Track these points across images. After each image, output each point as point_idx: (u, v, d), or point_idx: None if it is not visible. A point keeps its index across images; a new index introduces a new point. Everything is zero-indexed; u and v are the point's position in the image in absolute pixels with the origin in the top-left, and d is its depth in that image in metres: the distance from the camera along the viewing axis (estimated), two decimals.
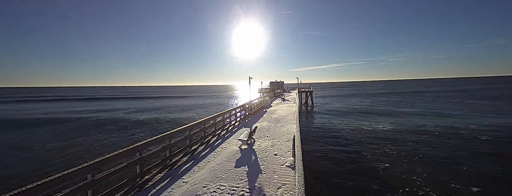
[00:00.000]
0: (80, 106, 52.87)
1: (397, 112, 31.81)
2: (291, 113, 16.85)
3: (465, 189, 9.69)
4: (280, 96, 38.08)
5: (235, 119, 14.56)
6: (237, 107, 15.14)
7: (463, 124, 22.16)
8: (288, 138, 9.58)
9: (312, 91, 47.07)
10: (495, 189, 9.69)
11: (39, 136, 21.42)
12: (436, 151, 14.44)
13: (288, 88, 63.92)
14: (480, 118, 25.50)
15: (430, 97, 53.42)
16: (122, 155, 5.39)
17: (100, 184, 4.78)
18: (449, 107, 35.24)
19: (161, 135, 6.98)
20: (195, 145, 9.07)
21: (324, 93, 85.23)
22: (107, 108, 46.63)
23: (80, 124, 27.45)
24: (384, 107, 38.83)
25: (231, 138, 10.26)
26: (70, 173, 4.13)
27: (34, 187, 3.56)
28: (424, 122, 24.11)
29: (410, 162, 12.65)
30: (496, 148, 14.90)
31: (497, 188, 9.74)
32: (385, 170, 11.72)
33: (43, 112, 39.91)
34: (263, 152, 7.96)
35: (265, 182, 5.62)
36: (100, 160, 4.78)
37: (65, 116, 34.14)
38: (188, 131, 8.40)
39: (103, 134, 21.82)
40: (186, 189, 5.39)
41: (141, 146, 5.99)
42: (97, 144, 18.06)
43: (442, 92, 69.33)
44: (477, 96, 53.08)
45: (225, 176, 6.02)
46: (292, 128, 11.63)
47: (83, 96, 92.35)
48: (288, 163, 6.77)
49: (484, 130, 19.52)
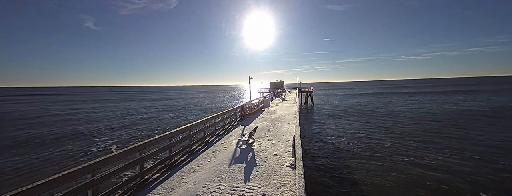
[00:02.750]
0: (152, 105, 53.34)
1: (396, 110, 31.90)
2: (291, 113, 16.85)
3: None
4: (280, 96, 38.09)
5: (235, 119, 14.56)
6: (237, 107, 15.14)
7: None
8: (288, 138, 9.58)
9: (312, 91, 47.10)
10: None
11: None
12: (440, 154, 14.45)
13: (288, 88, 63.94)
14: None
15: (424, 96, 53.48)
16: (122, 155, 5.39)
17: (100, 184, 4.78)
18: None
19: (161, 135, 6.98)
20: (195, 145, 9.07)
21: (328, 93, 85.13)
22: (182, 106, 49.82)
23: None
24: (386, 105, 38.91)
25: (231, 138, 10.26)
26: (70, 173, 4.13)
27: (34, 187, 3.56)
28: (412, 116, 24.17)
29: (409, 161, 12.67)
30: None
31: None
32: (385, 170, 11.73)
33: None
34: (263, 152, 7.95)
35: (265, 182, 5.62)
36: (100, 160, 4.78)
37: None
38: (188, 131, 8.41)
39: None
40: (186, 189, 5.39)
41: (141, 146, 5.99)
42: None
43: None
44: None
45: (225, 176, 6.02)
46: (292, 128, 11.63)
47: (134, 97, 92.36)
48: (288, 163, 6.77)
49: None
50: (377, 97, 59.38)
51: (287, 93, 48.83)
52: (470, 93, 60.73)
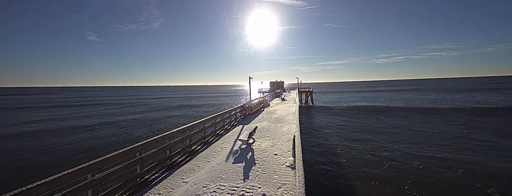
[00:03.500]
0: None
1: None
2: (291, 113, 16.85)
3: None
4: (279, 96, 38.10)
5: (235, 119, 14.56)
6: (237, 107, 15.13)
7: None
8: (288, 138, 9.58)
9: (312, 91, 47.12)
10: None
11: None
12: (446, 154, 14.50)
13: (288, 88, 63.89)
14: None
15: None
16: (122, 155, 5.39)
17: (100, 184, 4.78)
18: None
19: (161, 135, 6.98)
20: (195, 145, 9.07)
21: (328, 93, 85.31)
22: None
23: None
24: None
25: (231, 138, 10.25)
26: (70, 173, 4.13)
27: (34, 187, 3.56)
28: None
29: (408, 159, 12.69)
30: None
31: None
32: (385, 169, 11.73)
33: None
34: (263, 152, 7.95)
35: (265, 182, 5.62)
36: (100, 160, 4.78)
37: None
38: (188, 131, 8.40)
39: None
40: (186, 189, 5.39)
41: (141, 146, 5.99)
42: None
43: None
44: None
45: (225, 176, 6.01)
46: (292, 128, 11.63)
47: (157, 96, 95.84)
48: (288, 163, 6.77)
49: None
50: (360, 95, 60.75)
51: (287, 93, 48.81)
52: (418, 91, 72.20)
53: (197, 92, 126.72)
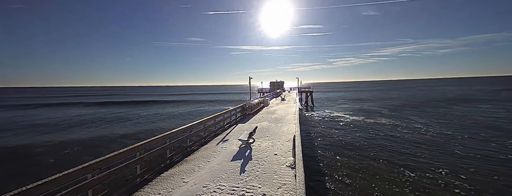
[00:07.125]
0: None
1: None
2: (291, 113, 16.84)
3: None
4: (279, 96, 38.10)
5: (235, 119, 14.56)
6: (237, 107, 15.14)
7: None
8: (288, 138, 9.58)
9: (312, 91, 47.14)
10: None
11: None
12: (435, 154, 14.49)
13: (288, 88, 63.87)
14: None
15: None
16: (122, 155, 5.40)
17: (100, 184, 4.78)
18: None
19: (161, 135, 6.99)
20: (195, 145, 9.07)
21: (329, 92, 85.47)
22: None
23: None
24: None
25: (231, 138, 10.25)
26: (70, 173, 4.13)
27: (34, 187, 3.56)
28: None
29: (408, 159, 12.69)
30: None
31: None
32: (385, 168, 11.73)
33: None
34: (263, 152, 7.95)
35: (265, 182, 5.62)
36: (100, 160, 4.78)
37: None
38: (188, 131, 8.41)
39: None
40: (186, 189, 5.39)
41: (141, 146, 6.00)
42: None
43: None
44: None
45: (225, 176, 6.01)
46: (292, 128, 11.63)
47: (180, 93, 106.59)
48: (288, 163, 6.77)
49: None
50: (362, 94, 59.96)
51: (287, 93, 48.80)
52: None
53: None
